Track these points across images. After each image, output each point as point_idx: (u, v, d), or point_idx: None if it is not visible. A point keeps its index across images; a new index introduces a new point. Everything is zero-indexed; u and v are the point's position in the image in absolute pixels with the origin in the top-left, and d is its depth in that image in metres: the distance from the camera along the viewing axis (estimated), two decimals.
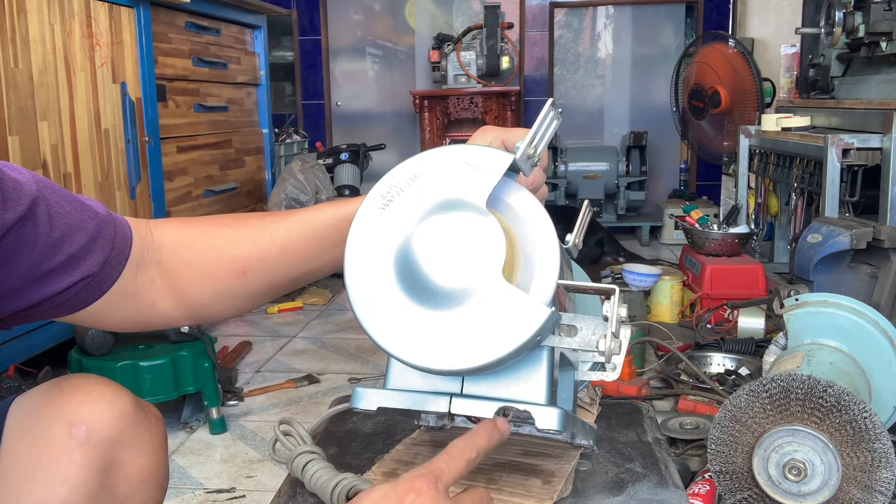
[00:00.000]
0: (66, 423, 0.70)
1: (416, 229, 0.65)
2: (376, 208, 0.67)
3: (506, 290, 0.62)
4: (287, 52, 4.95)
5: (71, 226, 0.68)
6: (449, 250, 0.63)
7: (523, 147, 0.65)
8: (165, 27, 2.63)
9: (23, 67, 1.90)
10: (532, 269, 0.65)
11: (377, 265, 0.66)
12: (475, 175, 0.65)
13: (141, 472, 0.75)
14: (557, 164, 4.45)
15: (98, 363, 1.77)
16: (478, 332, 0.62)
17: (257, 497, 1.58)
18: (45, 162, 1.97)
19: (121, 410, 0.73)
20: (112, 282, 0.72)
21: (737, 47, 3.52)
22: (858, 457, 1.06)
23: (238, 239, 0.79)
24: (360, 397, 0.71)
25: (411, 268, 0.65)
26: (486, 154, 0.65)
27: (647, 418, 0.97)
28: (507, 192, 0.66)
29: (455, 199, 0.65)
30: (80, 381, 0.74)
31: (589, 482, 0.80)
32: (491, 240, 0.63)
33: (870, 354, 1.41)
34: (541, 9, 4.75)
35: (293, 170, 3.29)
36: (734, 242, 2.71)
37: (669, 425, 1.66)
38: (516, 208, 0.66)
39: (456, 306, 0.63)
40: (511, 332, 0.62)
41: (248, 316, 2.96)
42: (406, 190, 0.67)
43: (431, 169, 0.66)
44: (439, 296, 0.64)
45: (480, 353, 0.62)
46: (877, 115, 2.31)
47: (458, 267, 0.63)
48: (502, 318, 0.62)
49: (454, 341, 0.63)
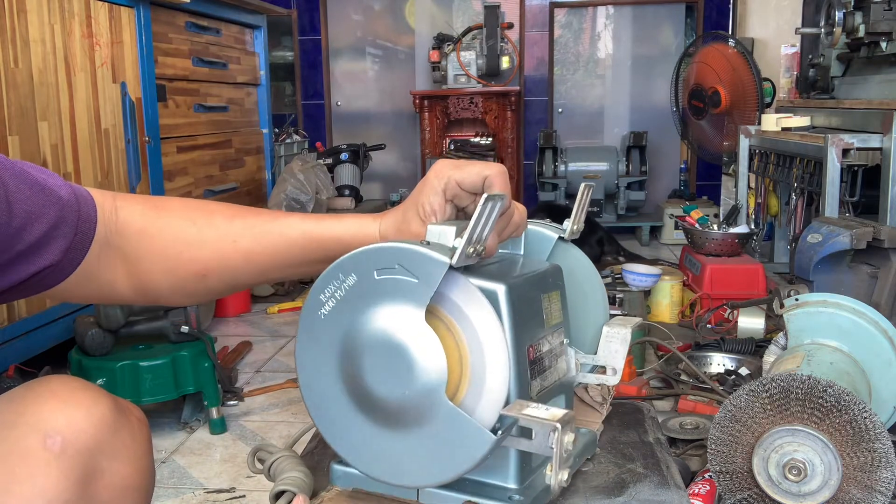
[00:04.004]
0: (41, 433, 0.66)
1: (358, 343, 0.65)
2: (316, 313, 0.68)
3: (452, 415, 0.63)
4: (287, 52, 4.95)
5: (31, 213, 0.66)
6: (392, 368, 0.64)
7: (461, 248, 0.63)
8: (165, 27, 2.63)
9: (23, 67, 1.90)
10: (482, 376, 0.64)
11: (327, 377, 0.68)
12: (412, 284, 0.63)
13: (123, 479, 0.72)
14: (557, 164, 4.45)
15: (98, 363, 1.77)
16: (428, 453, 0.64)
17: (257, 497, 1.58)
18: (45, 162, 1.97)
19: (99, 417, 0.69)
20: (74, 268, 0.72)
21: (737, 47, 3.52)
22: (858, 457, 1.06)
23: (201, 240, 0.77)
24: (337, 476, 0.75)
25: (358, 384, 0.66)
26: (422, 259, 0.63)
27: (648, 418, 0.97)
28: (450, 289, 0.65)
29: (393, 310, 0.64)
30: (56, 385, 0.70)
31: (590, 483, 0.80)
32: (433, 357, 0.63)
33: (870, 354, 1.41)
34: (541, 9, 4.75)
35: (293, 170, 3.29)
36: (734, 242, 2.71)
37: (669, 425, 1.66)
38: (461, 306, 0.65)
39: (406, 425, 0.65)
40: (459, 456, 0.63)
41: (248, 316, 2.96)
42: (344, 296, 0.66)
43: (367, 272, 0.65)
44: (388, 413, 0.65)
45: (432, 473, 0.65)
46: (877, 115, 2.31)
47: (404, 387, 0.64)
48: (451, 441, 0.63)
49: (407, 459, 0.65)
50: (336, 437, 0.69)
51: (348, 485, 0.75)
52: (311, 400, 0.69)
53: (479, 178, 0.73)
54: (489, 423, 0.63)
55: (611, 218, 4.43)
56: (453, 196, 0.75)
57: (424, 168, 4.26)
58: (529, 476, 0.72)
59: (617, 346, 0.83)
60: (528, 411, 0.62)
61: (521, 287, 0.70)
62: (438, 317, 0.65)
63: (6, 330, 1.84)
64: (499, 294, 0.67)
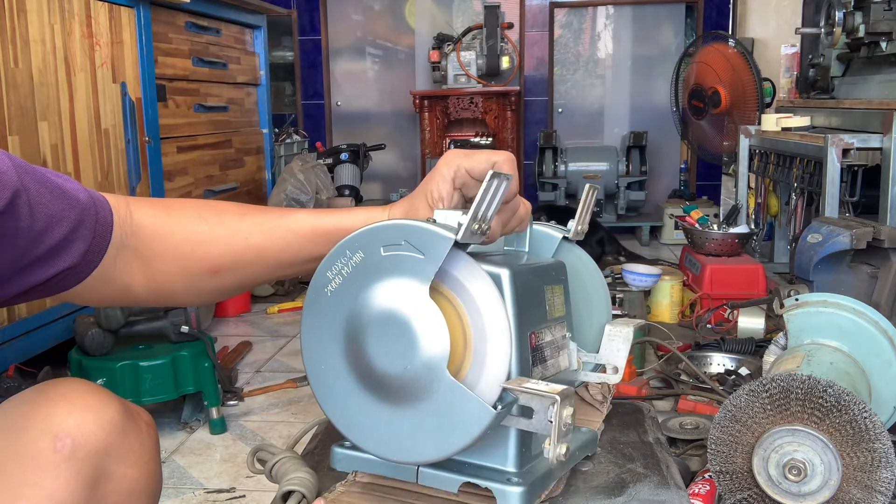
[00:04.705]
0: (51, 435, 0.67)
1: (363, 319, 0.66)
2: (323, 290, 0.68)
3: (453, 389, 0.63)
4: (287, 52, 4.95)
5: (52, 216, 0.67)
6: (396, 343, 0.64)
7: (466, 224, 0.63)
8: (165, 27, 2.63)
9: (23, 67, 1.90)
10: (483, 354, 0.65)
11: (331, 353, 0.68)
12: (417, 260, 0.64)
13: (131, 483, 0.72)
14: (557, 164, 4.45)
15: (98, 363, 1.77)
16: (429, 428, 0.65)
17: (257, 497, 1.58)
18: (45, 162, 1.97)
19: (109, 421, 0.70)
20: (92, 269, 0.72)
21: (737, 47, 3.52)
22: (858, 457, 1.06)
23: (213, 237, 0.78)
24: (337, 459, 0.75)
25: (362, 360, 0.66)
26: (427, 235, 0.64)
27: (648, 418, 0.97)
28: (454, 266, 0.65)
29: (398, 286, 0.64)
30: (66, 388, 0.71)
31: (590, 482, 0.80)
32: (436, 332, 0.63)
33: (870, 354, 1.41)
34: (541, 9, 4.75)
35: (293, 170, 3.29)
36: (734, 242, 2.71)
37: (669, 425, 1.66)
38: (465, 283, 0.65)
39: (407, 400, 0.65)
40: (459, 431, 0.64)
41: (248, 316, 2.96)
42: (351, 272, 0.67)
43: (374, 249, 0.66)
44: (390, 389, 0.65)
45: (431, 449, 0.65)
46: (877, 115, 2.31)
47: (406, 361, 0.64)
48: (451, 415, 0.64)
49: (407, 434, 0.66)
50: (338, 413, 0.69)
51: (349, 468, 0.75)
52: (315, 376, 0.69)
53: (487, 164, 0.74)
54: (490, 400, 0.64)
55: (611, 218, 4.43)
56: (462, 184, 0.75)
57: (424, 168, 4.26)
58: (529, 462, 0.72)
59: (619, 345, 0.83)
60: (528, 385, 0.63)
61: (524, 274, 0.71)
62: (443, 294, 0.65)
63: (6, 330, 1.84)
64: (503, 277, 0.67)
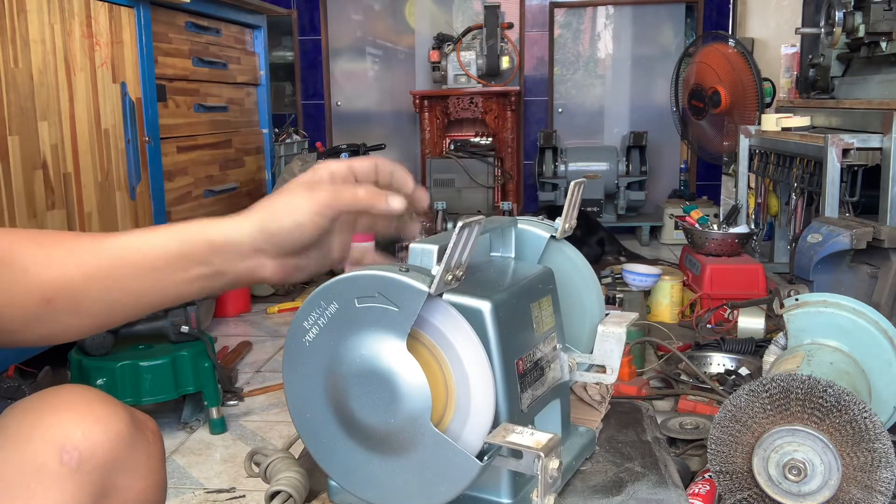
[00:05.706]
0: (58, 447, 0.65)
1: (343, 371, 0.66)
2: (301, 340, 0.68)
3: (437, 441, 0.63)
4: (287, 52, 4.95)
5: None
6: (377, 397, 0.64)
7: (439, 276, 0.62)
8: (165, 27, 2.63)
9: (23, 67, 1.90)
10: (467, 404, 0.64)
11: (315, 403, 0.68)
12: (392, 313, 0.63)
13: (137, 495, 0.71)
14: (557, 164, 4.45)
15: (98, 363, 1.77)
16: (416, 480, 0.65)
17: (257, 497, 1.58)
18: (45, 162, 1.98)
19: (117, 433, 0.68)
20: None
21: (737, 47, 3.52)
22: (858, 457, 1.06)
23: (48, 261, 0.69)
24: (334, 493, 0.77)
25: (345, 412, 0.66)
26: (401, 288, 0.63)
27: (647, 418, 0.97)
28: (432, 314, 0.65)
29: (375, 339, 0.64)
30: (73, 397, 0.69)
31: (588, 482, 0.80)
32: (416, 385, 0.63)
33: (870, 354, 1.41)
34: (541, 9, 4.74)
35: (293, 170, 3.29)
36: (734, 242, 2.71)
37: (669, 425, 1.66)
38: (444, 332, 0.65)
39: (394, 451, 0.65)
40: (446, 483, 0.64)
41: (247, 316, 2.96)
42: (327, 323, 0.66)
43: (348, 300, 0.65)
44: (376, 440, 0.66)
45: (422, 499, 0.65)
46: (877, 115, 2.31)
47: (389, 415, 0.64)
48: (437, 467, 0.63)
49: (396, 484, 0.66)
50: (327, 461, 0.69)
51: (346, 501, 0.76)
52: (301, 424, 0.69)
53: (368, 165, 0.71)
54: (475, 448, 0.63)
55: (611, 218, 4.43)
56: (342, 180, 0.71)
57: (424, 168, 4.26)
58: (522, 488, 0.72)
59: (612, 346, 0.83)
60: (512, 438, 0.63)
61: (508, 301, 0.70)
62: (422, 342, 0.65)
63: None
64: (484, 312, 0.67)
